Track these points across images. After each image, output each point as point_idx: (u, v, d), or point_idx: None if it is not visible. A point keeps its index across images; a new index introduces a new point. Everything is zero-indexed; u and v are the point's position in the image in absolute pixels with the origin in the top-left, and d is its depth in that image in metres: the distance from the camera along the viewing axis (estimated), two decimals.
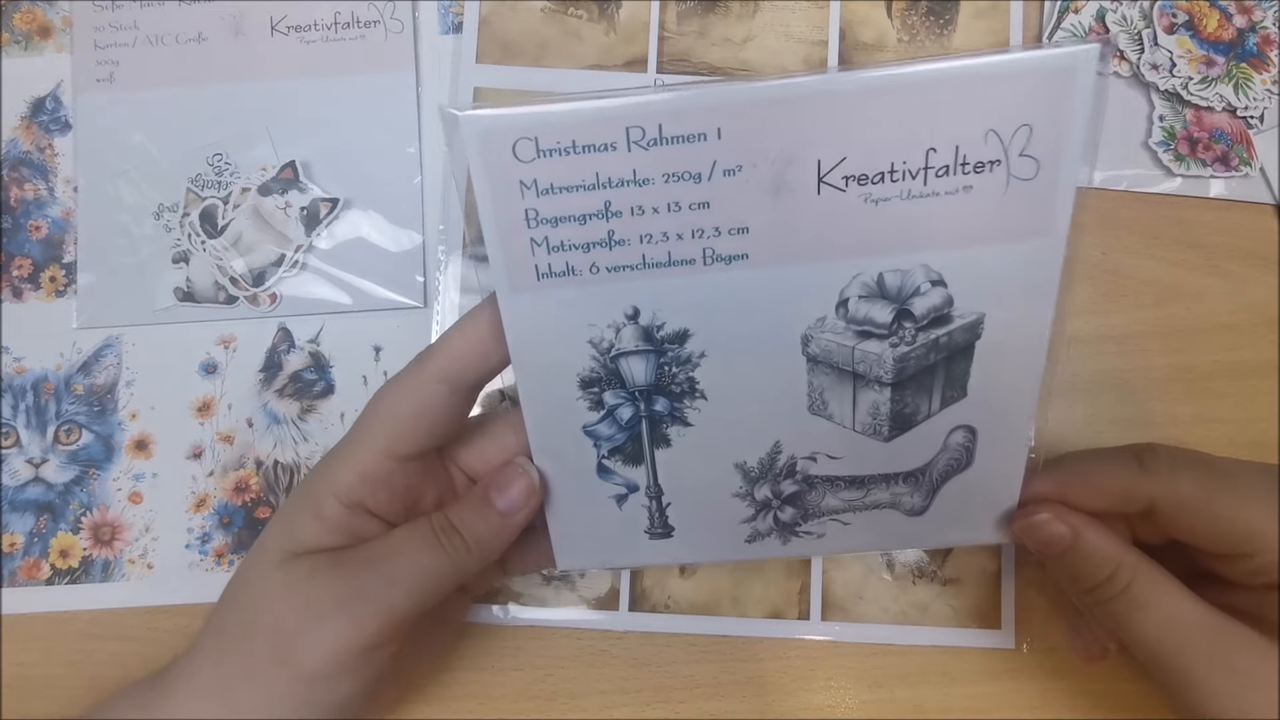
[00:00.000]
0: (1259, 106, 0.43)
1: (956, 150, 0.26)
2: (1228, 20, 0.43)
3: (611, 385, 0.30)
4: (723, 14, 0.44)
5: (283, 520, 0.31)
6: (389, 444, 0.30)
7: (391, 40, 0.43)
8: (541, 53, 0.43)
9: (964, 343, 0.29)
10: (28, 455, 0.42)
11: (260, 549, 0.31)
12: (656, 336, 0.29)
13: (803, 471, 0.32)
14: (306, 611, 0.29)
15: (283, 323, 0.42)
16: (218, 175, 0.43)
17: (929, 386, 0.30)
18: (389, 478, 0.31)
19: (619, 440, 0.31)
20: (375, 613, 0.29)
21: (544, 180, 0.26)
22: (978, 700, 0.40)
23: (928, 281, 0.28)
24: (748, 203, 0.27)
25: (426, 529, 0.30)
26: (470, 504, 0.31)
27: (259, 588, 0.30)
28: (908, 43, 0.43)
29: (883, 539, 0.33)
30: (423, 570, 0.30)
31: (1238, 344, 0.42)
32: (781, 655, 0.40)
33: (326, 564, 0.30)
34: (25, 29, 0.44)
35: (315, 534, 0.30)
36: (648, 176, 0.26)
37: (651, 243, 0.27)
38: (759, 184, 0.26)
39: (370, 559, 0.30)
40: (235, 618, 0.31)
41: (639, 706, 0.40)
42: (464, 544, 0.30)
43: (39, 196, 0.43)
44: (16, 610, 0.41)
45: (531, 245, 0.27)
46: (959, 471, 0.32)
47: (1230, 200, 0.43)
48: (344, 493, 0.30)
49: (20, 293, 0.43)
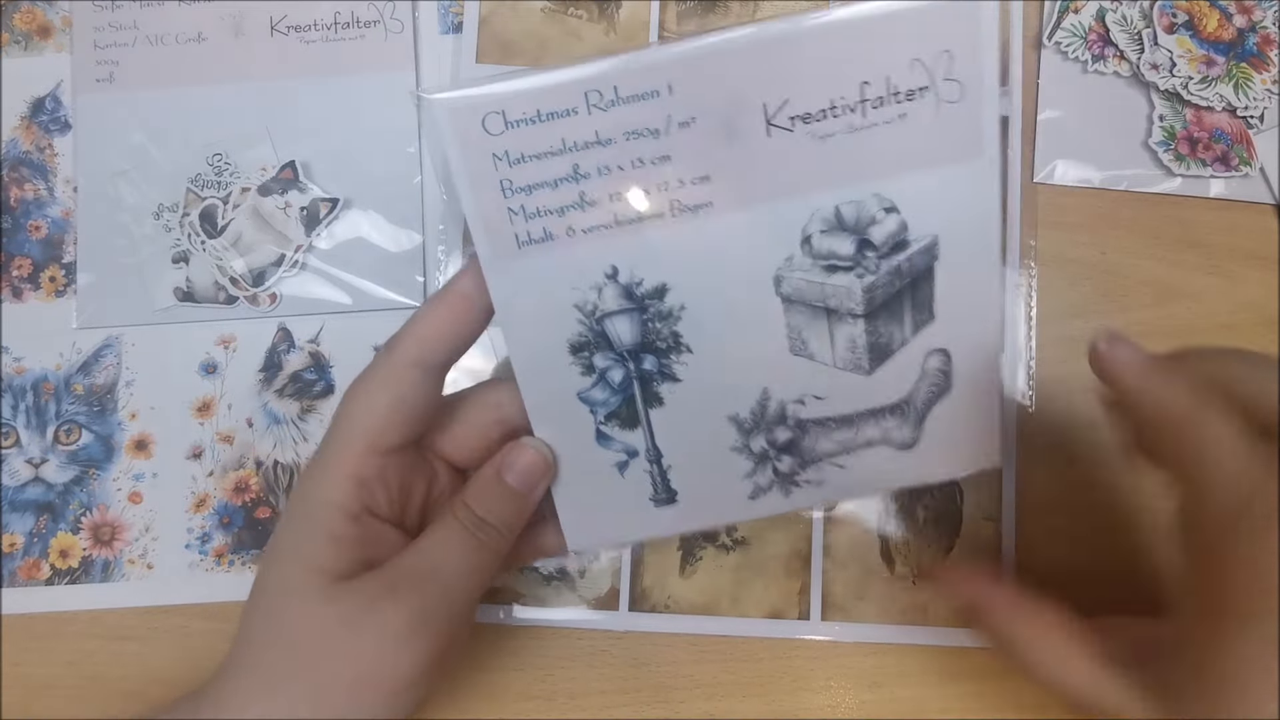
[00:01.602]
0: (1259, 106, 0.43)
1: (887, 81, 0.28)
2: (1228, 20, 0.43)
3: (600, 348, 0.31)
4: (723, 13, 0.44)
5: (296, 549, 0.30)
6: (373, 439, 0.30)
7: (391, 40, 0.43)
8: (541, 52, 0.43)
9: (924, 266, 0.31)
10: (28, 455, 0.42)
11: (282, 584, 0.30)
12: (637, 294, 0.31)
13: (793, 416, 0.33)
14: (382, 642, 0.29)
15: (283, 323, 0.42)
16: (217, 175, 0.43)
17: (899, 313, 0.32)
18: (381, 475, 0.31)
19: (613, 404, 0.32)
20: (445, 624, 0.29)
21: (515, 150, 0.28)
22: (978, 700, 0.40)
23: (881, 210, 0.30)
24: (705, 151, 0.29)
25: (458, 527, 0.31)
26: (486, 488, 0.31)
27: (306, 625, 0.29)
28: None
29: (879, 478, 0.34)
30: (471, 569, 0.30)
31: (1238, 343, 0.41)
32: (781, 655, 0.40)
33: (380, 590, 0.29)
34: (25, 29, 0.44)
35: (337, 556, 0.30)
36: (610, 137, 0.28)
37: (620, 200, 0.29)
38: (713, 133, 0.28)
39: (420, 573, 0.30)
40: (279, 656, 0.29)
41: (639, 706, 0.40)
42: (496, 531, 0.31)
43: (39, 196, 0.43)
44: (16, 610, 0.41)
45: (509, 214, 0.29)
46: (940, 397, 0.33)
47: (1230, 200, 0.43)
48: (345, 504, 0.30)
49: (20, 293, 0.43)
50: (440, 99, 0.28)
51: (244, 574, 0.41)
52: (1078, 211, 0.43)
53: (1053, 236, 0.42)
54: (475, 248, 0.29)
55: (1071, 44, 0.44)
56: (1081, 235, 0.43)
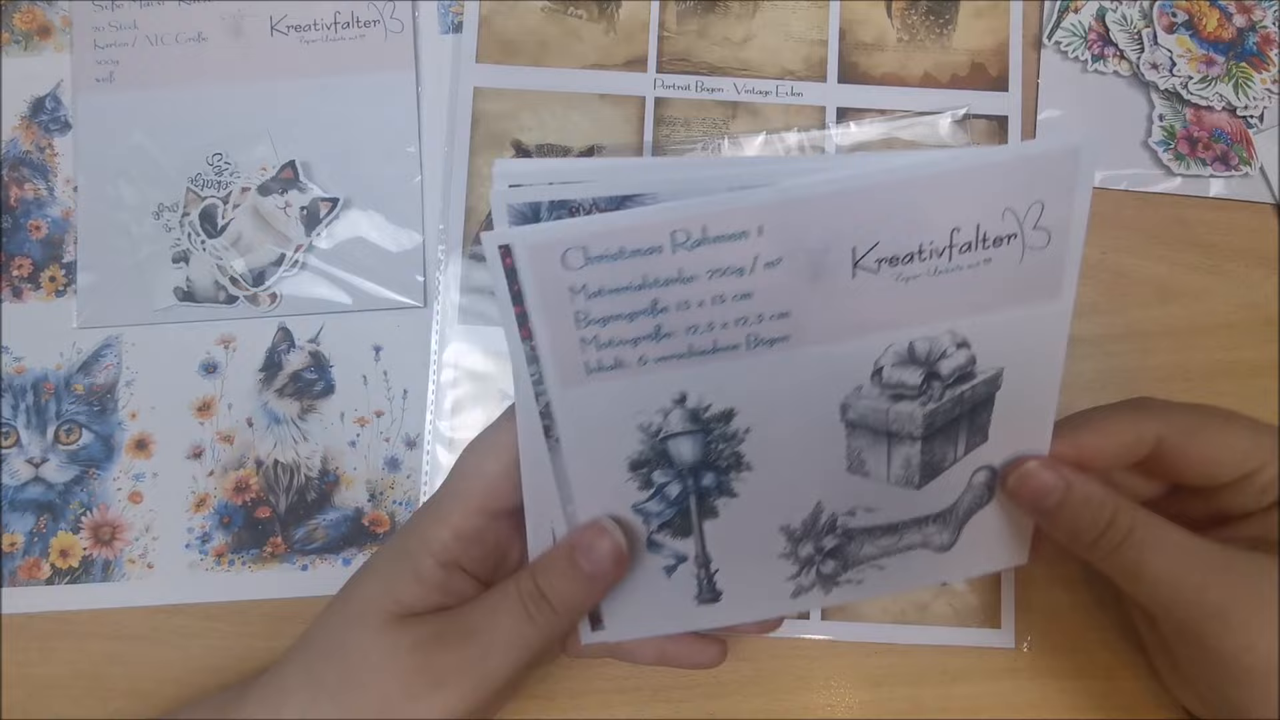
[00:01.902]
0: (1259, 106, 0.43)
1: (978, 228, 0.28)
2: (1227, 20, 0.43)
3: (660, 465, 0.31)
4: (722, 13, 0.44)
5: (382, 578, 0.32)
6: (482, 501, 0.31)
7: (391, 40, 0.43)
8: (541, 52, 0.43)
9: (985, 394, 0.31)
10: (28, 455, 0.42)
11: (360, 605, 0.31)
12: (703, 417, 0.30)
13: (843, 526, 0.33)
14: (414, 681, 0.30)
15: (283, 322, 0.42)
16: (218, 175, 0.43)
17: (954, 436, 0.32)
18: (480, 535, 0.31)
19: (668, 515, 0.32)
20: (476, 685, 0.30)
21: (593, 284, 0.27)
22: (978, 700, 0.40)
23: (953, 345, 0.30)
24: (788, 290, 0.28)
25: (515, 598, 0.31)
26: (556, 567, 0.31)
27: (364, 650, 0.30)
28: (907, 42, 0.43)
29: (916, 577, 0.35)
30: (515, 641, 0.30)
31: (1238, 343, 0.42)
32: (782, 654, 0.40)
33: (429, 637, 0.30)
34: (25, 29, 0.44)
35: (415, 595, 0.31)
36: (693, 274, 0.27)
37: (697, 333, 0.29)
38: (798, 273, 0.28)
39: (467, 632, 0.30)
40: (335, 670, 0.31)
41: (639, 706, 0.40)
42: (551, 610, 0.30)
43: (39, 196, 0.43)
44: (17, 610, 0.41)
45: (581, 344, 0.28)
46: (981, 507, 0.34)
47: (1230, 199, 0.43)
48: (440, 552, 0.31)
49: (20, 292, 0.43)
50: (521, 233, 0.27)
51: (244, 574, 0.41)
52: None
53: None
54: (542, 370, 0.29)
55: (1071, 43, 0.44)
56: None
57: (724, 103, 0.43)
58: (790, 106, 0.43)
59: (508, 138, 0.43)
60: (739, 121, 0.43)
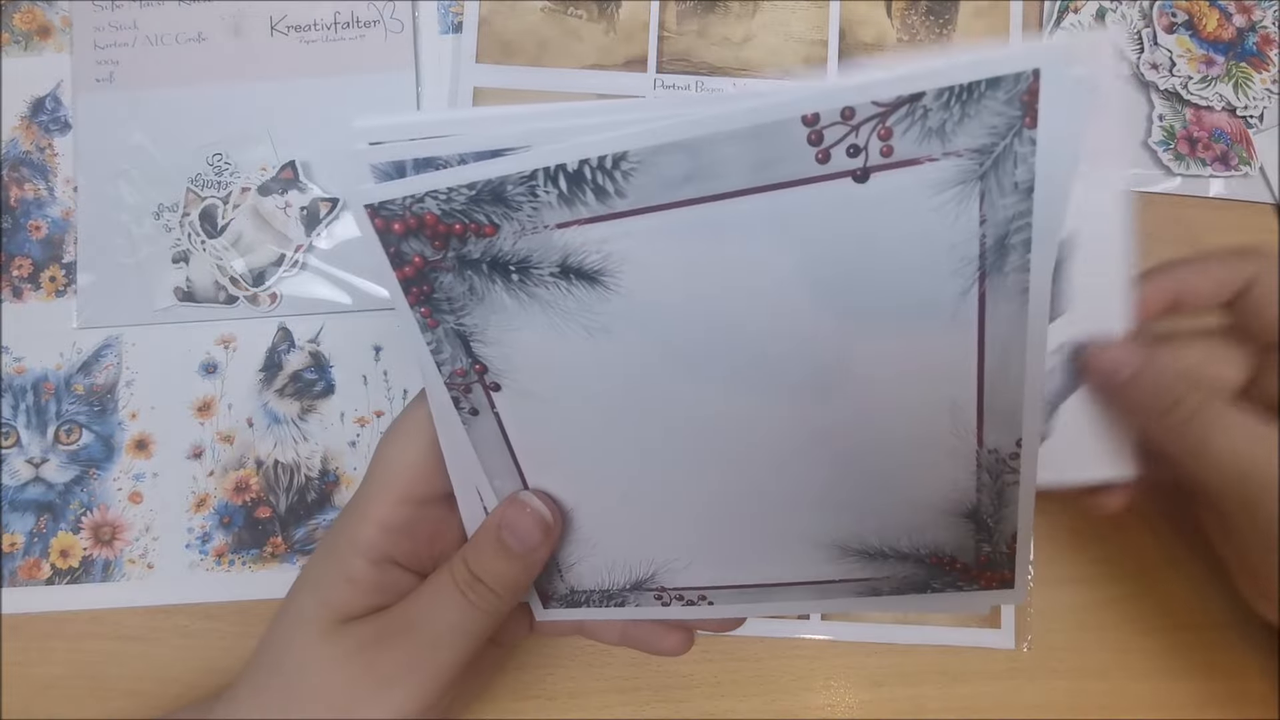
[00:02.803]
0: (1259, 106, 0.43)
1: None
2: (1227, 20, 0.43)
3: None
4: (722, 14, 0.44)
5: (314, 585, 0.31)
6: (405, 490, 0.30)
7: (391, 40, 0.43)
8: (541, 52, 0.43)
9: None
10: (28, 455, 0.42)
11: (296, 615, 0.31)
12: None
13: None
14: (362, 684, 0.29)
15: (283, 322, 0.42)
16: (218, 175, 0.43)
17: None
18: (410, 526, 0.31)
19: None
20: (426, 680, 0.29)
21: None
22: (978, 700, 0.40)
23: None
24: None
25: (451, 586, 0.30)
26: (486, 549, 0.30)
27: (305, 659, 0.30)
28: (908, 42, 0.43)
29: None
30: (460, 629, 0.30)
31: None
32: (782, 655, 0.40)
33: (370, 639, 0.30)
34: (25, 29, 0.44)
35: (349, 598, 0.30)
36: None
37: None
38: None
39: (409, 627, 0.30)
40: (280, 684, 0.30)
41: (639, 706, 0.40)
42: (489, 592, 0.30)
43: (39, 196, 0.43)
44: (17, 610, 0.41)
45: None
46: (1070, 393, 0.32)
47: (1230, 200, 0.43)
48: (369, 550, 0.30)
49: (20, 292, 0.43)
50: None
51: (244, 574, 0.41)
52: None
53: None
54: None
55: None
56: None
57: None
58: None
59: None
60: None
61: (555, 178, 0.24)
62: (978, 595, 0.31)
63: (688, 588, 0.32)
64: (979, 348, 0.26)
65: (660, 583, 0.32)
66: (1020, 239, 0.24)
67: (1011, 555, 0.30)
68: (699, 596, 0.32)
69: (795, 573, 0.32)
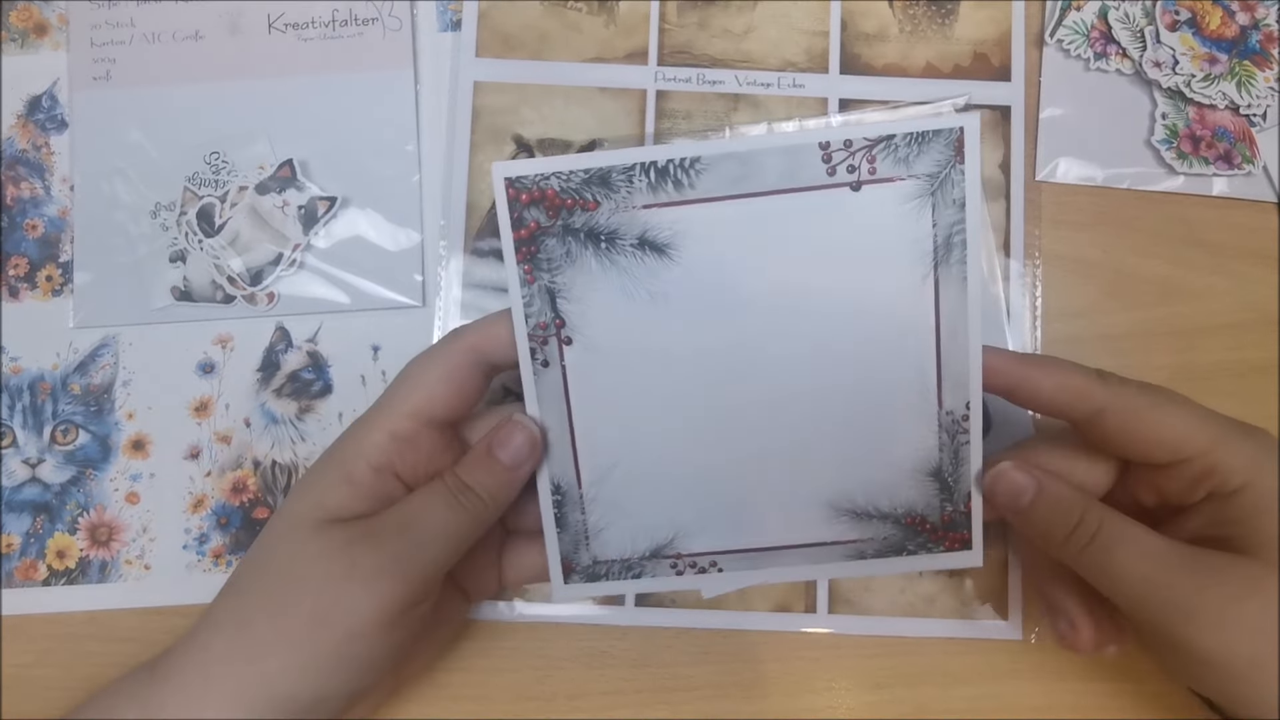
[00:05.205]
0: (1262, 104, 0.43)
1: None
2: (1230, 17, 0.43)
3: None
4: (723, 6, 0.43)
5: (311, 486, 0.33)
6: (419, 405, 0.32)
7: (389, 38, 0.43)
8: (541, 46, 0.43)
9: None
10: (24, 455, 0.41)
11: (289, 515, 0.32)
12: None
13: None
14: (349, 576, 0.30)
15: (280, 322, 0.42)
16: (215, 174, 0.42)
17: None
18: (416, 439, 0.33)
19: None
20: (412, 573, 0.31)
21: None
22: (981, 702, 0.40)
23: None
24: None
25: (443, 489, 0.32)
26: (477, 460, 0.33)
27: (293, 554, 0.31)
28: (910, 33, 0.43)
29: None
30: (447, 529, 0.32)
31: (1241, 343, 0.42)
32: (784, 656, 0.40)
33: (360, 535, 0.31)
34: (21, 27, 0.44)
35: (345, 499, 0.32)
36: None
37: None
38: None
39: (399, 525, 0.32)
40: (264, 582, 0.31)
41: (639, 707, 0.40)
42: (478, 499, 0.32)
43: (35, 195, 0.43)
44: (13, 611, 0.40)
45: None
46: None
47: (1233, 198, 0.43)
48: (373, 453, 0.32)
49: (17, 292, 0.42)
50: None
51: None
52: (1080, 210, 0.43)
53: (1056, 235, 0.42)
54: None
55: (1073, 41, 0.43)
56: (1084, 234, 0.42)
57: (726, 95, 0.43)
58: (792, 98, 0.43)
59: (508, 132, 0.43)
60: (741, 113, 0.43)
61: (649, 170, 0.32)
62: (941, 557, 0.36)
63: (701, 553, 0.36)
64: (935, 321, 0.34)
65: (677, 548, 0.36)
66: (959, 239, 0.33)
67: (968, 515, 0.36)
68: (710, 563, 0.37)
69: (795, 534, 0.36)
